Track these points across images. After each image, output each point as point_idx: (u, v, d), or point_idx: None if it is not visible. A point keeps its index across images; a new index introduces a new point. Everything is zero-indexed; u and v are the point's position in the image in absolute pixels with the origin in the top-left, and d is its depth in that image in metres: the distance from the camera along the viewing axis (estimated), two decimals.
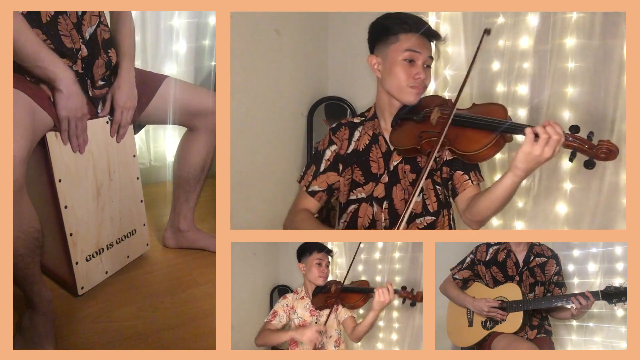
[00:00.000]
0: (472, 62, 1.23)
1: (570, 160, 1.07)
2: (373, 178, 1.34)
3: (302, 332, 1.29)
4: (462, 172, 1.30)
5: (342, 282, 1.38)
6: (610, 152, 1.01)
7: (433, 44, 1.34)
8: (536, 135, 1.03)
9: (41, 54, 1.22)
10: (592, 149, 1.02)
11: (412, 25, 1.27)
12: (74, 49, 1.33)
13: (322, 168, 1.38)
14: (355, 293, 1.35)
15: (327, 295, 1.38)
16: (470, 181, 1.29)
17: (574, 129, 1.05)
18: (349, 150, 1.37)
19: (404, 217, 1.16)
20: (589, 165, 1.03)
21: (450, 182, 1.32)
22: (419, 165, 1.31)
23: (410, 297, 1.28)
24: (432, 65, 1.74)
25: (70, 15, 1.32)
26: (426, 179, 1.31)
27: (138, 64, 2.14)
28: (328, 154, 1.38)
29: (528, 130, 1.04)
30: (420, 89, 1.28)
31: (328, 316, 1.35)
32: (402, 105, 1.31)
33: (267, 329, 1.41)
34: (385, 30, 1.30)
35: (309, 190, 1.38)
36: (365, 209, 1.37)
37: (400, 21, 1.28)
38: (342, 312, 1.39)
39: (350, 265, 1.42)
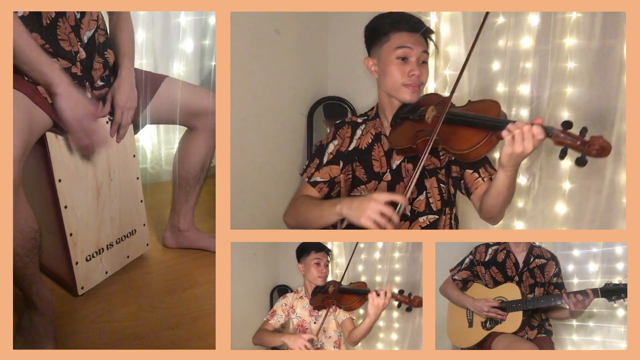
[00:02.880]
0: (473, 43, 1.18)
1: (561, 158, 1.01)
2: (376, 177, 1.34)
3: (293, 340, 1.28)
4: (471, 171, 1.29)
5: (339, 282, 1.37)
6: (602, 150, 0.94)
7: (431, 43, 1.34)
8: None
9: (41, 59, 1.22)
10: (583, 145, 0.96)
11: (402, 23, 1.27)
12: (72, 51, 1.33)
13: (324, 160, 1.38)
14: (352, 294, 1.34)
15: (325, 296, 1.38)
16: (480, 179, 1.28)
17: (566, 124, 1.00)
18: (350, 148, 1.37)
19: (410, 185, 1.13)
20: (580, 162, 0.97)
21: (462, 182, 1.32)
22: None
23: (407, 301, 1.26)
24: (432, 65, 1.72)
25: (69, 18, 1.32)
26: (430, 177, 1.30)
27: (149, 62, 2.15)
28: (331, 147, 1.39)
29: (505, 133, 1.03)
30: (415, 87, 1.27)
31: (325, 317, 1.34)
32: (402, 104, 1.30)
33: (264, 329, 1.41)
34: (377, 31, 1.31)
35: (311, 180, 1.38)
36: None
37: (391, 20, 1.28)
38: (341, 314, 1.38)
39: (347, 265, 1.41)
